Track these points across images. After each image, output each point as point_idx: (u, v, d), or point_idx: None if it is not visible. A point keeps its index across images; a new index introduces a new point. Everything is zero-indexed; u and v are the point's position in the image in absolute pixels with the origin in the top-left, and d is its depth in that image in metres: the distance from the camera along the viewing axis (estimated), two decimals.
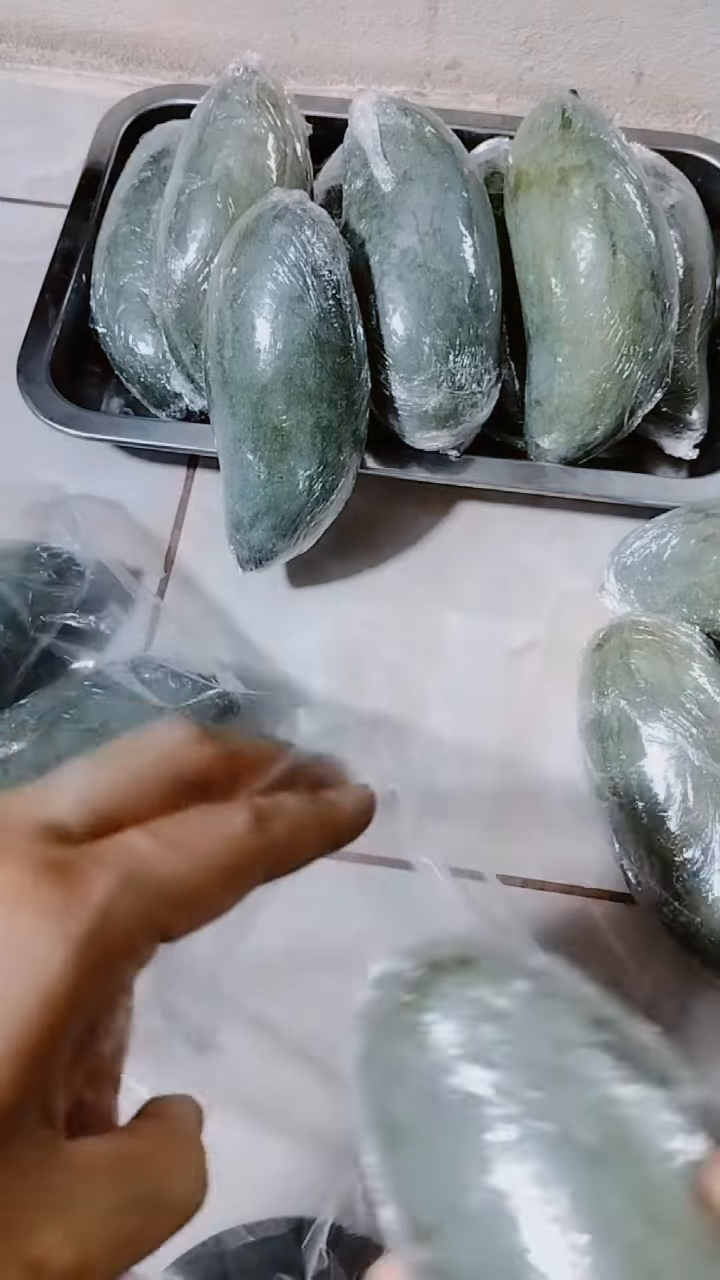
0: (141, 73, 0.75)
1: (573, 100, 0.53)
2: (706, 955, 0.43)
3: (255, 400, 0.47)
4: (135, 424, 0.58)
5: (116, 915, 0.19)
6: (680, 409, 0.56)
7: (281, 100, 0.54)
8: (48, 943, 0.18)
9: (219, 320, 0.48)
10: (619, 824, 0.45)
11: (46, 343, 0.56)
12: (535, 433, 0.54)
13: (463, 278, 0.50)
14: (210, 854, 0.21)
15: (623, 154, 0.51)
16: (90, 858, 0.19)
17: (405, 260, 0.50)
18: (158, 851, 0.20)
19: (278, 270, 0.46)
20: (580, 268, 0.49)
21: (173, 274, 0.52)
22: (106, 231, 0.59)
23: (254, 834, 0.21)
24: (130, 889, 0.19)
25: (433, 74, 0.73)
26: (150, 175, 0.59)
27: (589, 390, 0.50)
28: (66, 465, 0.57)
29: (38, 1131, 0.18)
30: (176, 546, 0.56)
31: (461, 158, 0.53)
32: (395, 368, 0.50)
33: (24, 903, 0.18)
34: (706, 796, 0.42)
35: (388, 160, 0.51)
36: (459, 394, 0.50)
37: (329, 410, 0.47)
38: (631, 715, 0.45)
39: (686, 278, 0.56)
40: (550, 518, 0.57)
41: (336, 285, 0.47)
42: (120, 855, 0.20)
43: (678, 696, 0.44)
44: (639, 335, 0.49)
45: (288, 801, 0.23)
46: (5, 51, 0.75)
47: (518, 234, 0.53)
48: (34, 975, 0.18)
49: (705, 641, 0.47)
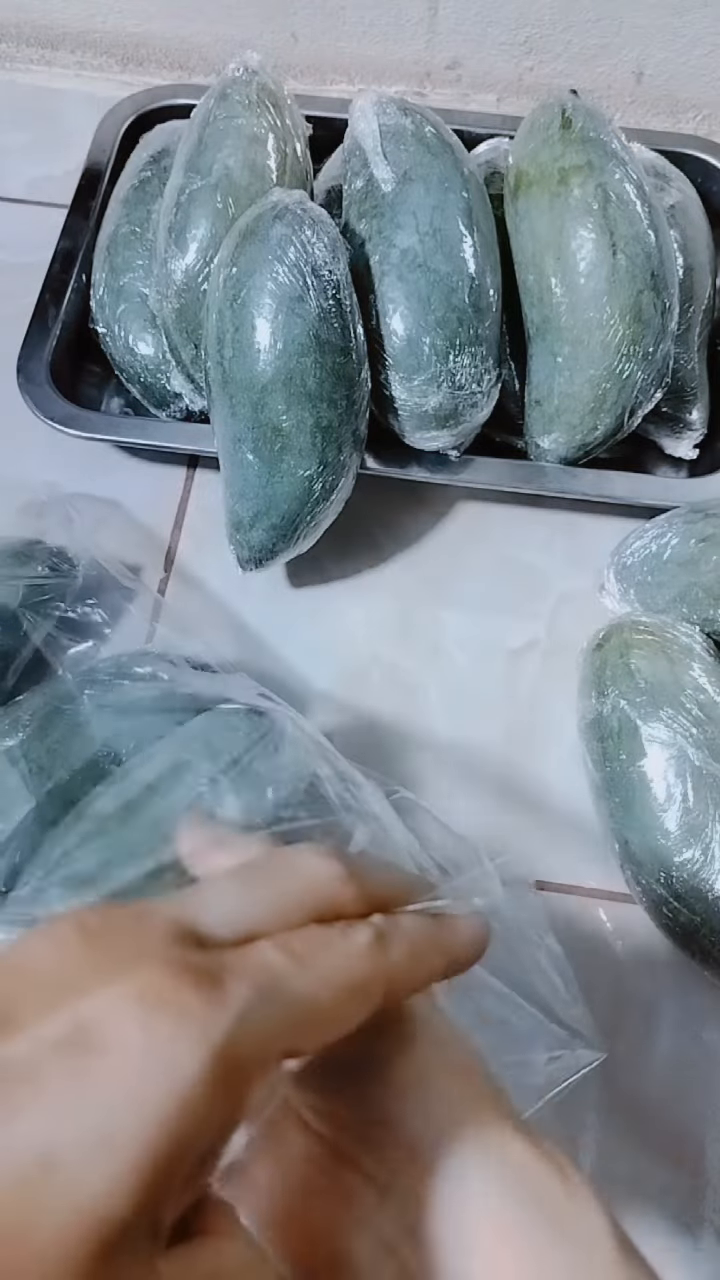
0: (141, 73, 0.75)
1: (573, 100, 0.53)
2: (706, 955, 0.43)
3: (255, 400, 0.47)
4: (135, 424, 0.58)
5: (252, 1025, 0.19)
6: (680, 409, 0.56)
7: (281, 100, 0.54)
8: (187, 1048, 0.18)
9: (219, 320, 0.48)
10: (619, 824, 0.45)
11: (46, 343, 0.56)
12: (535, 433, 0.54)
13: (463, 278, 0.50)
14: (335, 971, 0.21)
15: (623, 154, 0.51)
16: (228, 967, 0.19)
17: (405, 260, 0.50)
18: (290, 967, 0.20)
19: (278, 270, 0.46)
20: (580, 268, 0.49)
21: (173, 274, 0.52)
22: (106, 231, 0.59)
23: (376, 954, 0.22)
24: (265, 1001, 0.19)
25: (433, 74, 0.73)
26: (150, 175, 0.59)
27: (589, 390, 0.50)
28: (66, 465, 0.57)
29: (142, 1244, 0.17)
30: (177, 546, 0.56)
31: (461, 158, 0.53)
32: (395, 368, 0.50)
33: (164, 1006, 0.18)
34: (706, 796, 0.42)
35: (388, 160, 0.51)
36: (459, 394, 0.50)
37: (329, 410, 0.47)
38: (631, 715, 0.45)
39: (686, 278, 0.56)
40: (550, 518, 0.57)
41: (336, 285, 0.47)
42: (256, 967, 0.20)
43: (678, 696, 0.44)
44: (639, 335, 0.49)
45: (408, 923, 0.23)
46: (5, 51, 0.75)
47: (518, 234, 0.53)
48: (172, 1080, 0.18)
49: (705, 641, 0.47)
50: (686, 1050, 0.44)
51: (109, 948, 0.19)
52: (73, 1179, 0.17)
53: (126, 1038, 0.18)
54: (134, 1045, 0.18)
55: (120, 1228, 0.17)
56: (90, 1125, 0.17)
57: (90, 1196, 0.17)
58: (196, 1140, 0.18)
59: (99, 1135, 0.17)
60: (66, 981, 0.19)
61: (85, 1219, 0.16)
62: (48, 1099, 0.17)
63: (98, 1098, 0.17)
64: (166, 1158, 0.17)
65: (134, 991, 0.18)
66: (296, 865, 0.24)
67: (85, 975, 0.19)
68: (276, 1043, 0.20)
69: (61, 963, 0.19)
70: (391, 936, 0.22)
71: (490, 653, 0.54)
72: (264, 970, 0.20)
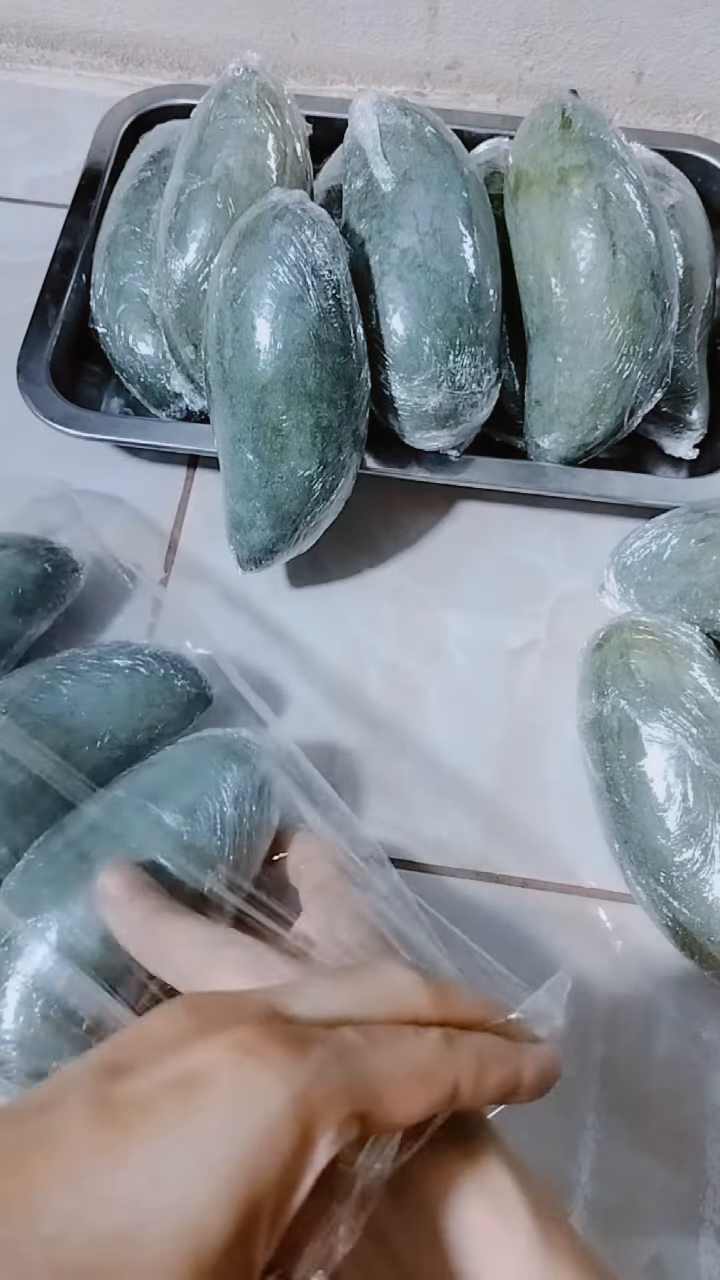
0: (141, 73, 0.75)
1: (573, 100, 0.53)
2: (706, 955, 0.43)
3: (255, 400, 0.47)
4: (135, 424, 0.58)
5: (329, 1080, 0.22)
6: (680, 409, 0.56)
7: (281, 100, 0.54)
8: (272, 1092, 0.21)
9: (219, 320, 0.48)
10: (619, 824, 0.45)
11: (46, 343, 0.56)
12: (535, 433, 0.54)
13: (463, 278, 0.50)
14: (407, 1054, 0.24)
15: (623, 154, 0.51)
16: (310, 1035, 0.23)
17: (405, 260, 0.50)
18: (364, 1043, 0.23)
19: (278, 270, 0.46)
20: (580, 268, 0.49)
21: (173, 274, 0.52)
22: (106, 231, 0.59)
23: (445, 1050, 0.24)
24: (342, 1063, 0.22)
25: (433, 74, 0.73)
26: (150, 175, 0.59)
27: (589, 390, 0.50)
28: (67, 465, 0.57)
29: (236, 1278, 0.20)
30: (177, 546, 0.56)
31: (461, 158, 0.53)
32: (395, 368, 0.50)
33: (255, 1055, 0.22)
34: (706, 796, 0.42)
35: (388, 160, 0.51)
36: (459, 394, 0.50)
37: (329, 410, 0.47)
38: (631, 715, 0.45)
39: (686, 278, 0.56)
40: (550, 518, 0.57)
41: (336, 285, 0.47)
42: (334, 1038, 0.23)
43: (678, 696, 0.44)
44: (639, 335, 0.49)
45: (478, 1036, 0.26)
46: (5, 51, 0.75)
47: (518, 234, 0.53)
48: (258, 1114, 0.21)
49: (705, 641, 0.47)
50: (686, 1050, 0.44)
51: (212, 1018, 0.23)
52: (179, 1194, 0.20)
53: (224, 1077, 0.21)
54: (229, 1082, 0.21)
55: (216, 1247, 0.19)
56: (193, 1148, 0.20)
57: (194, 1209, 0.19)
58: (278, 1173, 0.20)
59: (200, 1156, 0.20)
60: (176, 1040, 0.22)
61: (188, 1232, 0.19)
62: (159, 1126, 0.20)
63: (199, 1126, 0.21)
64: (254, 1182, 0.20)
65: (230, 1044, 0.22)
66: (382, 972, 0.27)
67: (191, 1035, 0.22)
68: (349, 1100, 0.22)
69: (172, 1028, 0.23)
70: (460, 1040, 0.25)
71: (490, 653, 0.54)
72: (341, 1041, 0.23)
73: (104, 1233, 0.19)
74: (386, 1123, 0.23)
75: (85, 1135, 0.20)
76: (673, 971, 0.46)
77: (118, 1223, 0.19)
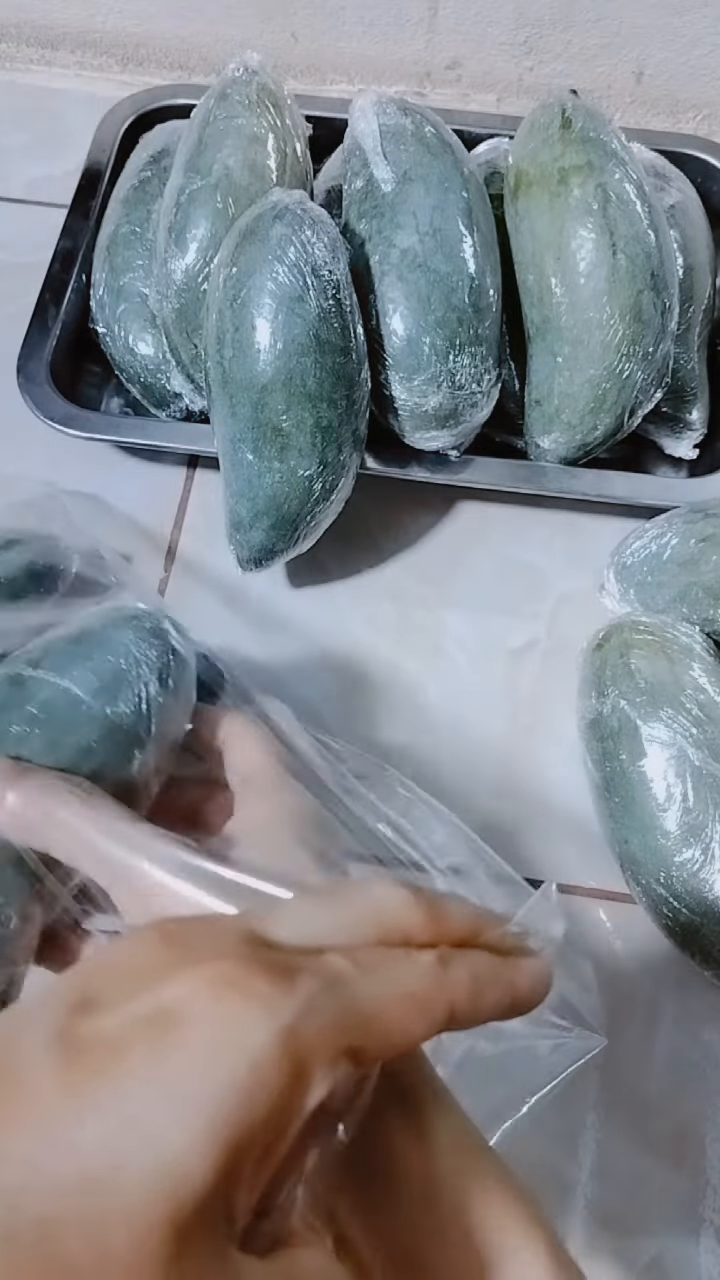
0: (141, 73, 0.75)
1: (573, 100, 0.53)
2: (706, 955, 0.43)
3: (255, 400, 0.47)
4: (135, 424, 0.58)
5: (317, 1013, 0.20)
6: (680, 409, 0.56)
7: (281, 100, 0.54)
8: (256, 1027, 0.19)
9: (219, 320, 0.48)
10: (619, 824, 0.45)
11: (46, 343, 0.56)
12: (535, 433, 0.54)
13: (463, 278, 0.50)
14: (398, 979, 0.22)
15: (623, 154, 0.51)
16: (296, 964, 0.21)
17: (405, 260, 0.50)
18: (354, 971, 0.22)
19: (278, 270, 0.46)
20: (580, 268, 0.49)
21: (173, 274, 0.52)
22: (106, 231, 0.59)
23: (438, 973, 0.23)
24: (331, 994, 0.21)
25: (433, 74, 0.73)
26: (150, 175, 0.59)
27: (589, 390, 0.50)
28: (66, 465, 0.57)
29: (218, 1225, 0.18)
30: (177, 546, 0.56)
31: (461, 158, 0.53)
32: (395, 368, 0.50)
33: (236, 988, 0.20)
34: (706, 796, 0.42)
35: (388, 160, 0.51)
36: (459, 394, 0.50)
37: (329, 410, 0.47)
38: (631, 715, 0.45)
39: (686, 278, 0.56)
40: (550, 518, 0.57)
41: (336, 285, 0.47)
42: (323, 966, 0.21)
43: (678, 696, 0.44)
44: (639, 335, 0.49)
45: (472, 955, 0.24)
46: (5, 51, 0.75)
47: (518, 234, 0.53)
48: (242, 1051, 0.19)
49: (705, 641, 0.47)
50: (686, 1050, 0.44)
51: (187, 947, 0.21)
52: (153, 1136, 0.18)
53: (202, 1014, 0.19)
54: (208, 1019, 0.19)
55: (197, 1193, 0.18)
56: (168, 1088, 0.18)
57: (171, 1153, 0.18)
58: (264, 1115, 0.19)
59: (177, 1096, 0.18)
60: (149, 973, 0.20)
61: (165, 1175, 0.18)
62: (131, 1066, 0.19)
63: (176, 1065, 0.19)
64: (237, 1124, 0.18)
65: (209, 977, 0.20)
66: (368, 891, 0.25)
67: (165, 967, 0.20)
68: (341, 1034, 0.20)
69: (144, 959, 0.21)
70: (454, 961, 0.24)
71: (490, 653, 0.54)
72: (330, 969, 0.21)
73: (71, 1180, 0.17)
74: (380, 1054, 0.22)
75: (49, 1077, 0.19)
76: (673, 971, 0.46)
77: (87, 1170, 0.18)
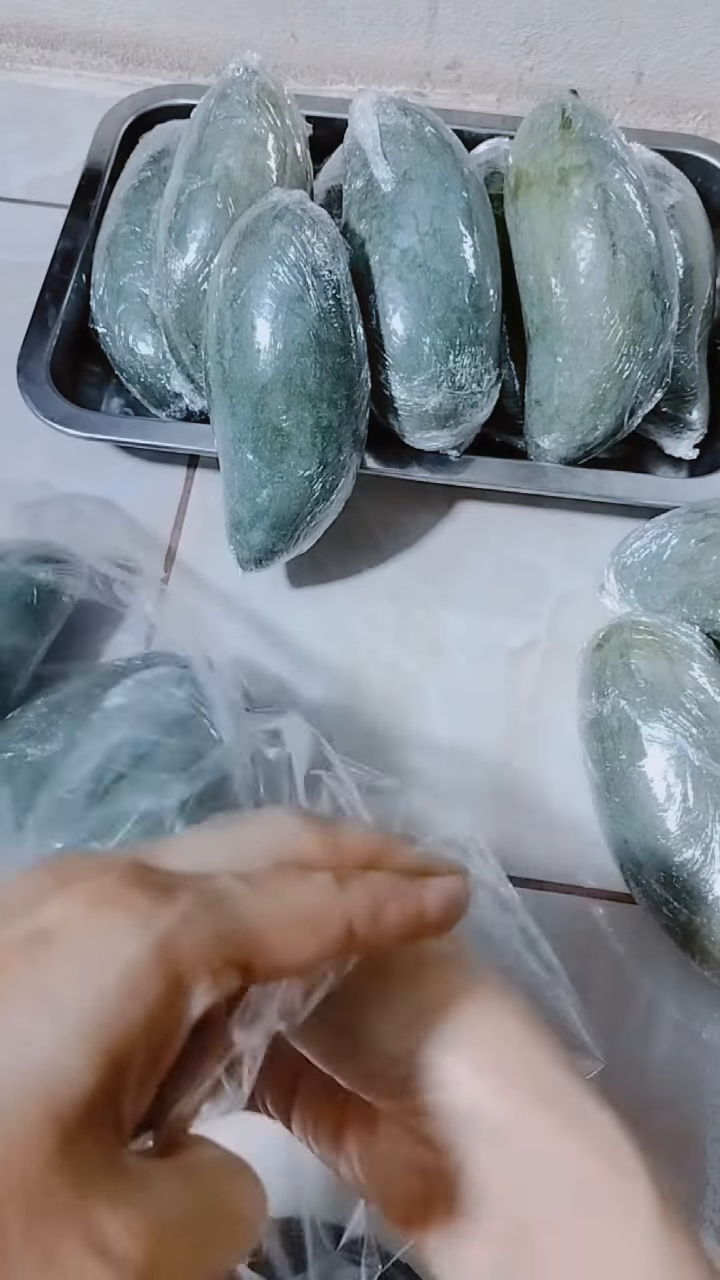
0: (141, 73, 0.75)
1: (573, 100, 0.53)
2: (706, 955, 0.43)
3: (255, 400, 0.47)
4: (135, 424, 0.58)
5: (196, 926, 0.20)
6: (680, 409, 0.56)
7: (281, 100, 0.54)
8: (130, 937, 0.19)
9: (219, 320, 0.48)
10: (619, 824, 0.45)
11: (46, 343, 0.56)
12: (535, 433, 0.54)
13: (463, 278, 0.50)
14: (287, 896, 0.22)
15: (623, 154, 0.51)
16: (177, 881, 0.21)
17: (405, 260, 0.50)
18: (240, 888, 0.22)
19: (278, 270, 0.46)
20: (580, 268, 0.49)
21: (173, 274, 0.52)
22: (106, 231, 0.59)
23: (332, 890, 0.23)
24: (212, 909, 0.21)
25: (433, 74, 0.73)
26: (150, 175, 0.59)
27: (589, 390, 0.50)
28: (66, 465, 0.57)
29: (105, 1130, 0.18)
30: (177, 546, 0.56)
31: (461, 158, 0.53)
32: (395, 368, 0.50)
33: (112, 903, 0.20)
34: (706, 796, 0.42)
35: (388, 160, 0.51)
36: (459, 394, 0.50)
37: (329, 410, 0.47)
38: (631, 715, 0.45)
39: (686, 278, 0.56)
40: (550, 518, 0.57)
41: (336, 285, 0.47)
42: (206, 885, 0.21)
43: (678, 696, 0.44)
44: (639, 335, 0.49)
45: (373, 875, 0.24)
46: (5, 51, 0.75)
47: (518, 234, 0.53)
48: (116, 961, 0.19)
49: (705, 641, 0.47)
50: (686, 1050, 0.44)
51: (70, 876, 0.21)
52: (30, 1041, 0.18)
53: (76, 927, 0.20)
54: (82, 933, 0.20)
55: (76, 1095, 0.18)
56: (45, 999, 0.19)
57: (47, 1056, 0.18)
58: (142, 1023, 0.19)
59: (52, 1006, 0.19)
60: (31, 898, 0.21)
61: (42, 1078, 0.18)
62: (6, 981, 0.19)
63: (49, 976, 0.19)
64: (112, 1030, 0.19)
65: (86, 894, 0.20)
66: (261, 818, 0.25)
67: (46, 891, 0.21)
68: (222, 946, 0.20)
69: (28, 888, 0.21)
70: (350, 879, 0.23)
71: (490, 653, 0.54)
72: (214, 887, 0.21)
73: None
74: (272, 969, 0.21)
75: None
76: (673, 971, 0.46)
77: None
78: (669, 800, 0.43)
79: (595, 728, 0.47)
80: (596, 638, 0.49)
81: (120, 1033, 0.19)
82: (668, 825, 0.43)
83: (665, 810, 0.43)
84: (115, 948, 0.19)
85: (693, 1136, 0.43)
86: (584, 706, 0.48)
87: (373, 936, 0.23)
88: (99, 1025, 0.18)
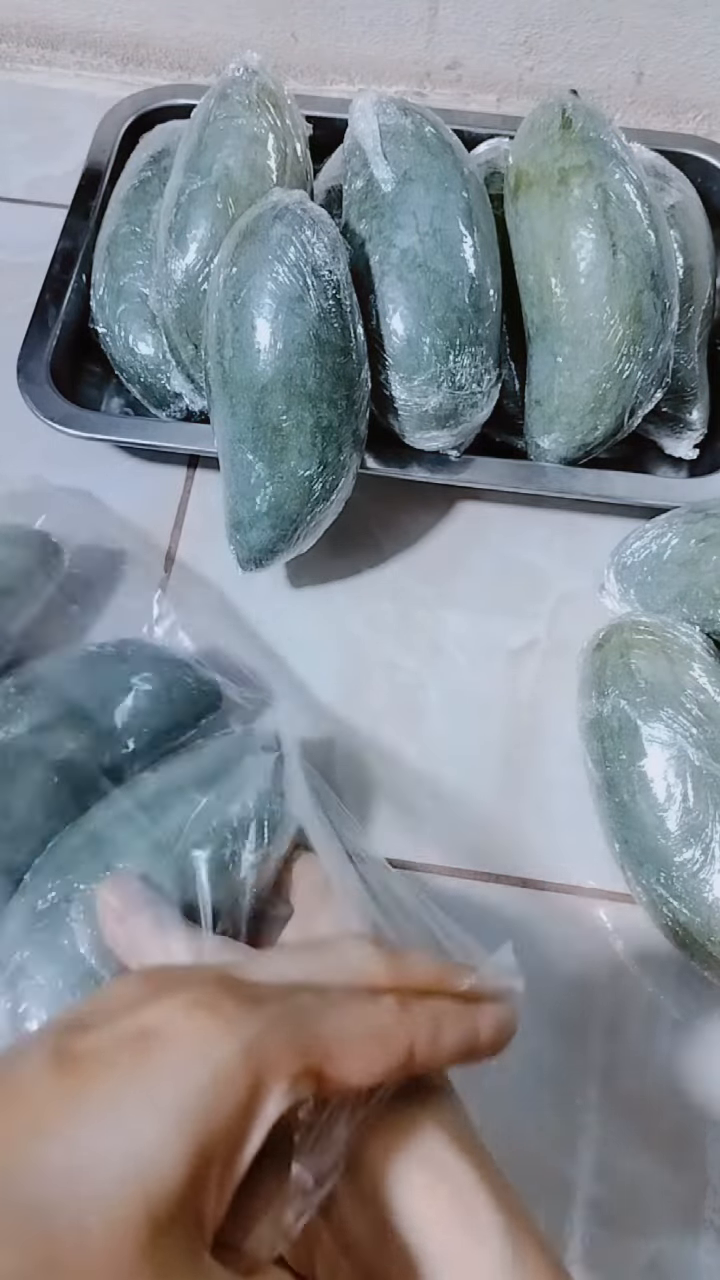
0: (141, 73, 0.75)
1: (573, 100, 0.53)
2: (706, 955, 0.43)
3: (255, 400, 0.47)
4: (135, 424, 0.58)
5: (279, 1034, 0.22)
6: (680, 409, 0.56)
7: (281, 100, 0.54)
8: (222, 1040, 0.22)
9: (219, 320, 0.48)
10: (619, 824, 0.45)
11: (46, 343, 0.56)
12: (535, 433, 0.54)
13: (463, 278, 0.50)
14: (360, 1015, 0.24)
15: (623, 154, 0.51)
16: (263, 992, 0.24)
17: (405, 260, 0.50)
18: (317, 1003, 0.24)
19: (278, 270, 0.46)
20: (580, 268, 0.49)
21: (173, 274, 0.52)
22: (106, 231, 0.59)
23: (399, 1013, 0.25)
24: (292, 1020, 0.23)
25: (433, 74, 0.73)
26: (150, 175, 0.59)
27: (589, 390, 0.50)
28: (66, 465, 0.57)
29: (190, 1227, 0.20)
30: (177, 546, 0.56)
31: (461, 158, 0.53)
32: (395, 368, 0.50)
33: (207, 1009, 0.23)
34: (706, 796, 0.42)
35: (388, 160, 0.51)
36: (459, 394, 0.50)
37: (329, 410, 0.47)
38: (631, 715, 0.45)
39: (686, 278, 0.56)
40: (550, 518, 0.57)
41: (336, 285, 0.47)
42: (288, 998, 0.24)
43: (678, 696, 0.44)
44: (639, 335, 0.49)
45: (434, 1000, 0.26)
46: (5, 51, 0.75)
47: (518, 234, 0.53)
48: (209, 1065, 0.21)
49: (705, 641, 0.47)
50: (686, 1050, 0.44)
51: (169, 982, 0.24)
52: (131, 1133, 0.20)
53: (176, 1031, 0.22)
54: (181, 1035, 0.22)
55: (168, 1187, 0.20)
56: (147, 1094, 0.21)
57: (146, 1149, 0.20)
58: (227, 1119, 0.21)
59: (153, 1100, 0.21)
60: (133, 1001, 0.23)
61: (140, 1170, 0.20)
62: (116, 1075, 0.21)
63: (153, 1074, 0.21)
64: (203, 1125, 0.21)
65: (185, 1000, 0.23)
66: (339, 945, 0.27)
67: (148, 996, 0.23)
68: (300, 1054, 0.22)
69: (129, 992, 0.24)
70: (413, 1003, 0.25)
71: (490, 653, 0.54)
72: (296, 1001, 0.24)
73: (58, 1168, 0.20)
74: (341, 1082, 0.23)
75: (45, 1083, 0.21)
76: (673, 971, 0.46)
77: (72, 1160, 0.20)
78: (669, 800, 0.43)
79: (595, 728, 0.47)
80: (596, 638, 0.49)
81: (209, 1129, 0.21)
82: (668, 825, 0.43)
83: (665, 810, 0.43)
84: (209, 1049, 0.22)
85: (693, 1136, 0.43)
86: (584, 706, 0.48)
87: (432, 1055, 0.25)
88: (193, 1122, 0.21)
